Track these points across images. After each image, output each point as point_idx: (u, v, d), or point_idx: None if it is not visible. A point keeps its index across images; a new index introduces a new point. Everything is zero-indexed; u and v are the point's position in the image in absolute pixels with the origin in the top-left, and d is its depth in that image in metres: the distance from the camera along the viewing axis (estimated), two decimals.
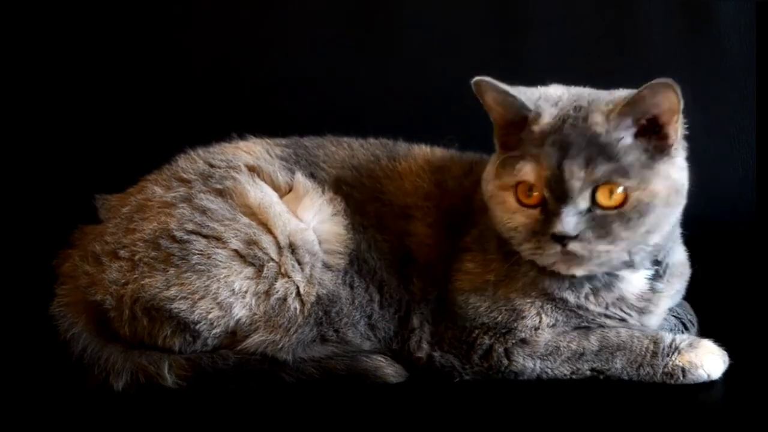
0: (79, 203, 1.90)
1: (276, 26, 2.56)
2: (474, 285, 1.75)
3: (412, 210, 1.83)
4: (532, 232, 1.63)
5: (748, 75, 2.43)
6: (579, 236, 1.59)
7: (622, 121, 1.60)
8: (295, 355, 1.75)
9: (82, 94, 2.52)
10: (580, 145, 1.59)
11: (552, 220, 1.59)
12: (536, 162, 1.61)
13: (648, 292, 1.74)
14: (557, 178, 1.59)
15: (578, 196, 1.59)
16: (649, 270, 1.74)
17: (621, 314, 1.73)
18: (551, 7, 2.51)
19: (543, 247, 1.61)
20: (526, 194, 1.64)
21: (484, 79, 1.64)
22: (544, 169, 1.60)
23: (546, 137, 1.61)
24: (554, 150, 1.60)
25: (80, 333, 1.77)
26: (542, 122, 1.64)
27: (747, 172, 2.44)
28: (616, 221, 1.59)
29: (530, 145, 1.63)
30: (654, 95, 1.58)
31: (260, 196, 1.76)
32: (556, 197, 1.60)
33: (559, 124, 1.62)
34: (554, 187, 1.59)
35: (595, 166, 1.58)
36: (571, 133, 1.60)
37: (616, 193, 1.59)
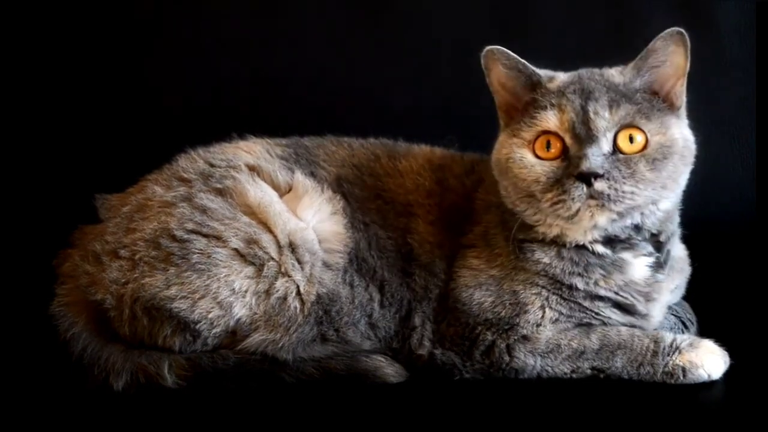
0: (79, 203, 1.90)
1: (276, 26, 2.56)
2: (479, 281, 1.75)
3: (413, 207, 1.84)
4: (555, 179, 1.65)
5: (748, 75, 2.43)
6: (605, 175, 1.61)
7: (636, 75, 1.68)
8: (295, 354, 1.75)
9: (82, 94, 2.52)
10: (601, 90, 1.65)
11: (577, 162, 1.62)
12: (558, 109, 1.66)
13: (650, 278, 1.75)
14: (582, 120, 1.63)
15: (602, 137, 1.63)
16: (651, 257, 1.74)
17: (631, 299, 1.74)
18: (551, 7, 2.51)
19: (568, 191, 1.62)
20: (545, 148, 1.67)
21: (495, 48, 1.71)
22: (567, 113, 1.64)
23: (566, 87, 1.68)
24: (576, 96, 1.65)
25: (80, 333, 1.77)
26: (557, 80, 1.71)
27: (747, 172, 2.44)
28: (641, 162, 1.63)
29: (548, 97, 1.68)
30: (666, 45, 1.66)
31: (260, 196, 1.76)
32: (579, 141, 1.63)
33: (576, 78, 1.70)
34: (579, 129, 1.63)
35: (618, 107, 1.63)
36: (591, 82, 1.67)
37: (637, 140, 1.64)
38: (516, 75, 1.73)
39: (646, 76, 1.69)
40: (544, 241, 1.73)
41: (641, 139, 1.64)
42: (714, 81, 2.43)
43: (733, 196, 1.86)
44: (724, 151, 2.45)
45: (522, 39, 2.44)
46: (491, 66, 1.73)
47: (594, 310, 1.74)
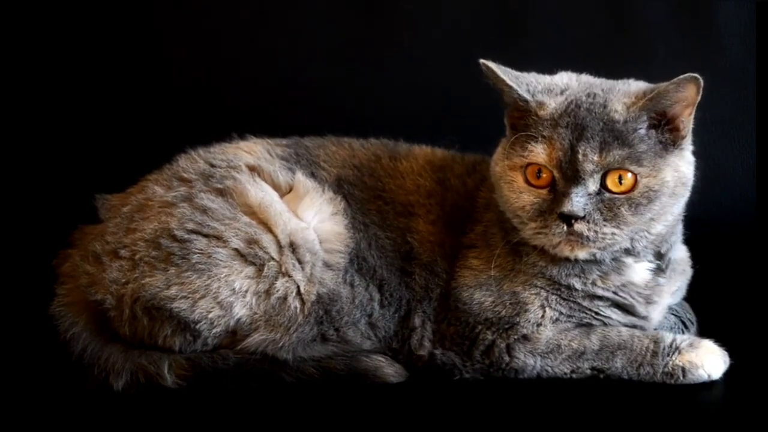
0: (79, 203, 1.90)
1: (277, 27, 2.56)
2: (479, 281, 1.75)
3: (414, 208, 1.84)
4: (539, 211, 1.65)
5: (748, 75, 2.43)
6: (586, 217, 1.61)
7: (641, 113, 1.63)
8: (295, 354, 1.75)
9: (82, 94, 2.53)
10: (594, 129, 1.62)
11: (561, 199, 1.62)
12: (548, 143, 1.64)
13: (651, 281, 1.75)
14: (569, 159, 1.62)
15: (589, 179, 1.61)
16: (652, 263, 1.74)
17: (630, 299, 1.74)
18: (551, 7, 2.51)
19: (549, 226, 1.63)
20: (535, 176, 1.66)
21: (486, 63, 1.69)
22: (556, 150, 1.63)
23: (559, 119, 1.64)
24: (568, 132, 1.63)
25: (80, 333, 1.77)
26: (549, 108, 1.66)
27: (747, 172, 2.44)
28: (624, 205, 1.62)
29: (541, 127, 1.65)
30: (678, 91, 1.62)
31: (261, 196, 1.76)
32: (566, 178, 1.62)
33: (572, 108, 1.65)
34: (565, 168, 1.62)
35: (609, 151, 1.61)
36: (587, 117, 1.63)
37: (626, 178, 1.62)
38: (507, 92, 1.70)
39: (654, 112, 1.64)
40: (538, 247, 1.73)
41: (630, 178, 1.62)
42: (714, 81, 2.43)
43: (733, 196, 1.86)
44: (724, 151, 2.45)
45: (522, 39, 2.45)
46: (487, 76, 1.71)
47: (594, 310, 1.74)
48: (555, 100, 1.68)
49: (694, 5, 2.47)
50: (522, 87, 1.68)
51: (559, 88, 1.70)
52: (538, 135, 1.65)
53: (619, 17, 2.48)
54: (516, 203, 1.68)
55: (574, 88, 1.70)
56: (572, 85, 1.71)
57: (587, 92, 1.68)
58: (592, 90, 1.68)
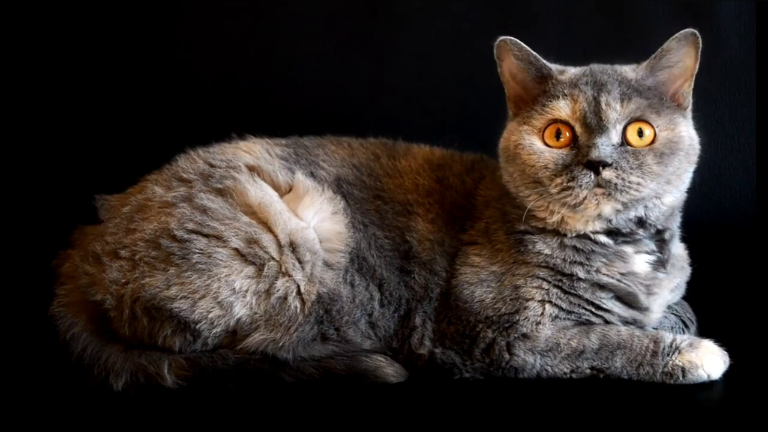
0: (79, 203, 1.90)
1: (276, 26, 2.56)
2: (480, 277, 1.76)
3: (413, 206, 1.84)
4: (563, 166, 1.67)
5: (748, 75, 2.43)
6: (613, 164, 1.63)
7: (648, 74, 1.71)
8: (295, 353, 1.75)
9: (82, 94, 2.53)
10: (613, 83, 1.68)
11: (587, 150, 1.65)
12: (571, 98, 1.69)
13: (650, 273, 1.76)
14: (594, 110, 1.66)
15: (612, 129, 1.66)
16: (652, 255, 1.75)
17: (633, 287, 1.74)
18: (551, 6, 2.51)
19: (576, 178, 1.64)
20: (554, 137, 1.70)
21: (508, 39, 1.73)
22: (580, 103, 1.67)
23: (578, 80, 1.71)
24: (588, 87, 1.68)
25: (80, 333, 1.77)
26: (569, 73, 1.74)
27: (747, 172, 2.44)
28: (649, 155, 1.66)
29: (560, 87, 1.71)
30: (680, 46, 1.69)
31: (260, 195, 1.77)
32: (589, 131, 1.66)
33: (588, 71, 1.73)
34: (590, 119, 1.66)
35: (629, 100, 1.67)
36: (604, 76, 1.71)
37: (645, 134, 1.67)
38: (527, 66, 1.75)
39: (658, 75, 1.72)
40: (546, 231, 1.74)
41: (650, 134, 1.67)
42: (714, 81, 2.43)
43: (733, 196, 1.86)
44: (724, 151, 2.45)
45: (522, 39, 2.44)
46: (503, 56, 1.76)
47: (595, 303, 1.74)
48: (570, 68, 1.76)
49: (694, 5, 2.47)
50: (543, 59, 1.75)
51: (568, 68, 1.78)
52: (558, 93, 1.70)
53: (619, 17, 2.49)
54: (538, 163, 1.69)
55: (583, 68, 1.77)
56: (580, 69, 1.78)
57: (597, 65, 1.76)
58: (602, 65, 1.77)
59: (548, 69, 1.75)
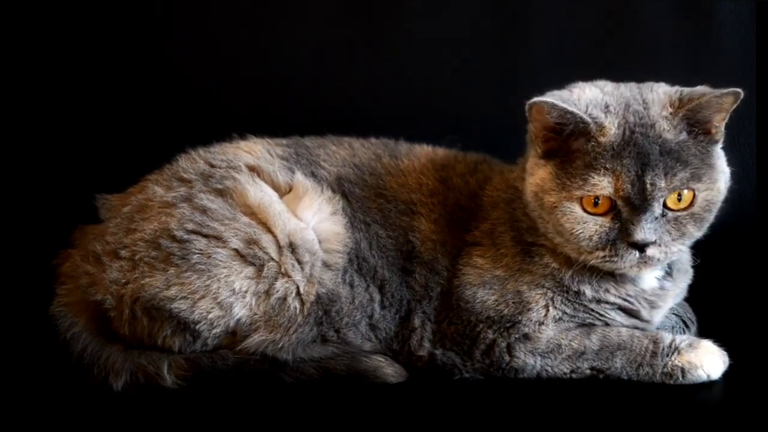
0: (79, 203, 1.90)
1: (277, 26, 2.56)
2: (483, 279, 1.75)
3: (417, 206, 1.84)
4: (606, 240, 1.63)
5: (748, 75, 2.43)
6: (657, 241, 1.61)
7: (682, 122, 1.63)
8: (295, 354, 1.75)
9: (82, 93, 2.52)
10: (655, 155, 1.60)
11: (631, 229, 1.61)
12: (613, 175, 1.60)
13: (658, 289, 1.76)
14: (638, 190, 1.59)
15: (656, 203, 1.60)
16: (662, 271, 1.76)
17: (637, 305, 1.74)
18: (551, 7, 2.51)
19: (621, 255, 1.62)
20: (593, 203, 1.63)
21: (542, 101, 1.61)
22: (623, 182, 1.60)
23: (620, 149, 1.61)
24: (632, 162, 1.60)
25: (80, 333, 1.77)
26: (609, 134, 1.62)
27: (747, 172, 2.44)
28: (690, 222, 1.63)
29: (601, 158, 1.61)
30: (720, 103, 1.62)
31: (260, 196, 1.76)
32: (633, 207, 1.61)
33: (628, 134, 1.62)
34: (634, 198, 1.60)
35: (674, 175, 1.60)
36: (645, 143, 1.61)
37: (684, 194, 1.62)
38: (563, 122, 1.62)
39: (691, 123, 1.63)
40: (556, 251, 1.72)
41: (688, 193, 1.62)
42: (714, 81, 2.43)
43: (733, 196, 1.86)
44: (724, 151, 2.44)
45: (522, 39, 2.45)
46: (537, 118, 1.64)
47: (599, 312, 1.74)
48: (609, 121, 1.63)
49: (694, 5, 2.46)
50: (573, 107, 1.62)
51: (600, 104, 1.66)
52: (599, 167, 1.61)
53: (619, 17, 2.48)
54: (581, 234, 1.64)
55: (613, 105, 1.65)
56: (607, 100, 1.66)
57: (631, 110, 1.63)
58: (632, 106, 1.64)
59: (585, 123, 1.61)
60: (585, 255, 1.66)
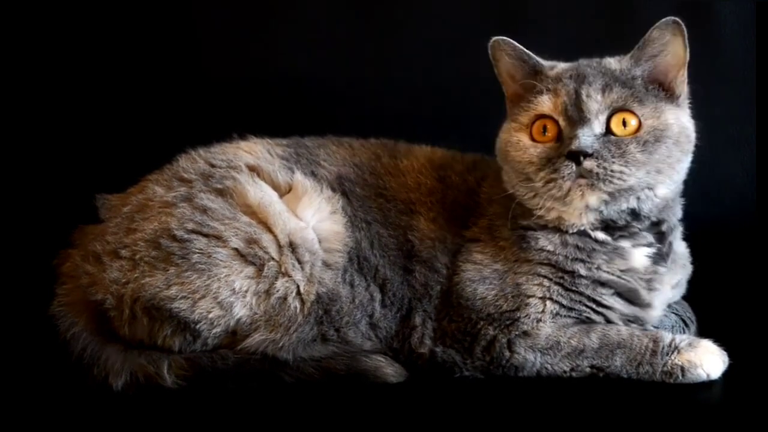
0: (79, 203, 1.90)
1: (277, 26, 2.56)
2: (482, 275, 1.76)
3: (415, 205, 1.85)
4: (547, 158, 1.68)
5: (748, 75, 2.43)
6: (594, 154, 1.64)
7: (634, 64, 1.71)
8: (295, 354, 1.75)
9: (82, 93, 2.53)
10: (596, 75, 1.70)
11: (568, 142, 1.66)
12: (553, 93, 1.70)
13: (650, 268, 1.76)
14: (574, 102, 1.67)
15: (594, 120, 1.66)
16: (650, 248, 1.75)
17: (633, 283, 1.75)
18: (551, 7, 2.51)
19: (558, 169, 1.65)
20: (541, 132, 1.71)
21: (501, 38, 1.76)
22: (561, 96, 1.69)
23: (563, 73, 1.73)
24: (571, 80, 1.70)
25: (80, 333, 1.77)
26: (557, 68, 1.76)
27: (747, 172, 2.44)
28: (632, 143, 1.66)
29: (545, 83, 1.73)
30: (663, 35, 1.69)
31: (260, 196, 1.77)
32: (572, 123, 1.67)
33: (574, 65, 1.75)
34: (572, 112, 1.67)
35: (611, 90, 1.67)
36: (587, 68, 1.72)
37: (630, 123, 1.67)
38: (521, 65, 1.77)
39: (646, 65, 1.72)
40: (547, 228, 1.75)
41: (635, 123, 1.68)
42: (714, 81, 2.43)
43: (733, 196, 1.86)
44: (724, 151, 2.45)
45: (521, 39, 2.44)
46: (498, 56, 1.78)
47: (596, 299, 1.74)
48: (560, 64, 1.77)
49: (694, 5, 2.46)
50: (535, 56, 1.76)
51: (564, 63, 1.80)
52: (542, 88, 1.72)
53: (619, 17, 2.48)
54: (524, 158, 1.71)
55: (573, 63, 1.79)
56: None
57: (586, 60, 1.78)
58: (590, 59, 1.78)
59: (540, 66, 1.76)
60: (532, 185, 1.70)
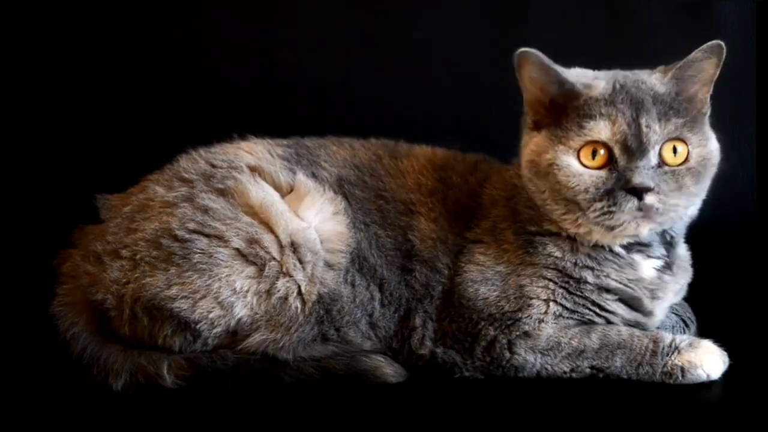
0: (79, 203, 1.90)
1: (277, 27, 2.56)
2: (485, 276, 1.76)
3: (416, 206, 1.84)
4: (604, 190, 1.64)
5: (748, 75, 2.43)
6: (655, 188, 1.62)
7: (674, 85, 1.67)
8: (295, 354, 1.75)
9: (82, 93, 2.53)
10: (649, 101, 1.64)
11: (629, 174, 1.62)
12: (609, 119, 1.64)
13: (656, 279, 1.76)
14: (634, 132, 1.62)
15: (651, 151, 1.63)
16: (660, 260, 1.76)
17: (638, 292, 1.75)
18: (551, 6, 2.51)
19: (619, 203, 1.63)
20: (590, 156, 1.65)
21: (529, 51, 1.67)
22: (620, 124, 1.63)
23: (614, 96, 1.65)
24: (626, 107, 1.64)
25: (80, 333, 1.77)
26: (598, 88, 1.67)
27: (747, 172, 2.44)
28: (687, 175, 1.65)
29: (595, 106, 1.65)
30: (706, 57, 1.67)
31: (262, 196, 1.77)
32: (630, 153, 1.63)
33: (619, 87, 1.67)
34: (630, 142, 1.62)
35: (668, 119, 1.64)
36: (638, 92, 1.65)
37: (679, 150, 1.65)
38: (548, 80, 1.68)
39: (683, 85, 1.68)
40: (558, 235, 1.74)
41: (683, 150, 1.65)
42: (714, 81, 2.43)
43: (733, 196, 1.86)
44: (724, 151, 2.44)
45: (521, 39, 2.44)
46: (523, 67, 1.69)
47: (600, 304, 1.74)
48: (597, 82, 1.69)
49: (694, 5, 2.47)
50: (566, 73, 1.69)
51: (590, 75, 1.72)
52: (595, 113, 1.65)
53: (619, 17, 2.48)
54: (577, 186, 1.65)
55: (601, 75, 1.72)
56: (597, 74, 1.73)
57: (620, 74, 1.70)
58: (622, 73, 1.71)
59: (571, 84, 1.67)
60: (584, 213, 1.66)
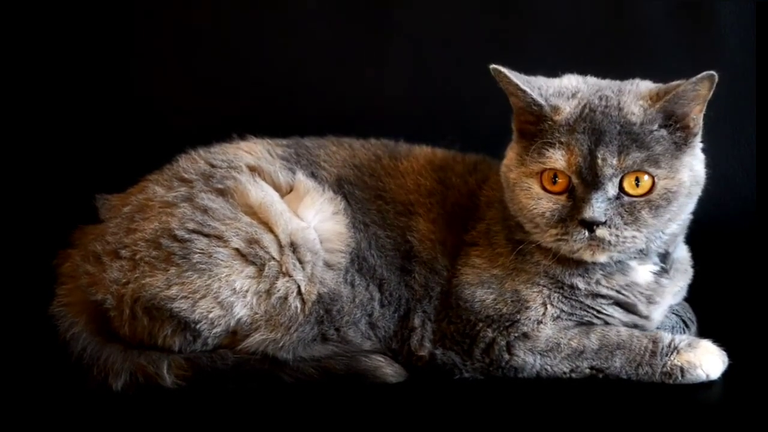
0: (79, 203, 1.90)
1: (277, 26, 2.56)
2: (481, 278, 1.76)
3: (415, 207, 1.84)
4: (558, 218, 1.65)
5: (748, 75, 2.43)
6: (607, 222, 1.61)
7: (657, 114, 1.64)
8: (295, 354, 1.75)
9: (83, 93, 2.52)
10: (612, 132, 1.62)
11: (581, 206, 1.61)
12: (567, 149, 1.63)
13: (653, 283, 1.76)
14: (589, 165, 1.61)
15: (608, 183, 1.61)
16: (656, 266, 1.75)
17: (632, 298, 1.74)
18: (551, 6, 2.51)
19: (570, 233, 1.63)
20: (551, 181, 1.66)
21: (498, 69, 1.67)
22: (575, 156, 1.62)
23: (575, 124, 1.64)
24: (585, 137, 1.62)
25: (80, 333, 1.77)
26: (564, 112, 1.66)
27: (747, 172, 2.44)
28: (645, 208, 1.63)
29: (557, 133, 1.65)
30: (695, 90, 1.62)
31: (261, 196, 1.77)
32: (585, 183, 1.62)
33: (587, 112, 1.65)
34: (585, 174, 1.61)
35: (627, 154, 1.61)
36: (603, 121, 1.63)
37: (643, 181, 1.62)
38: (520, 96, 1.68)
39: (669, 110, 1.65)
40: (543, 247, 1.73)
41: (648, 180, 1.62)
42: None
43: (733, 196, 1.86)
44: (724, 151, 2.44)
45: (522, 39, 2.45)
46: (499, 81, 1.69)
47: (596, 308, 1.74)
48: (569, 104, 1.67)
49: (694, 5, 2.46)
50: (534, 91, 1.67)
51: (570, 91, 1.70)
52: (555, 141, 1.64)
53: (619, 17, 2.48)
54: (534, 209, 1.66)
55: (584, 91, 1.70)
56: (581, 87, 1.71)
57: (599, 95, 1.67)
58: (604, 92, 1.68)
59: (538, 106, 1.66)
60: (541, 234, 1.67)
